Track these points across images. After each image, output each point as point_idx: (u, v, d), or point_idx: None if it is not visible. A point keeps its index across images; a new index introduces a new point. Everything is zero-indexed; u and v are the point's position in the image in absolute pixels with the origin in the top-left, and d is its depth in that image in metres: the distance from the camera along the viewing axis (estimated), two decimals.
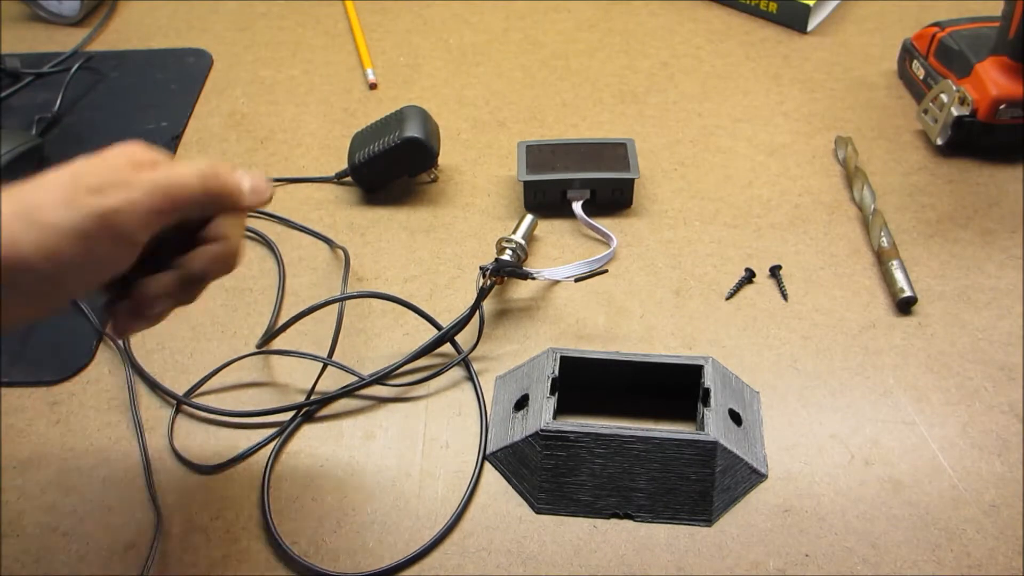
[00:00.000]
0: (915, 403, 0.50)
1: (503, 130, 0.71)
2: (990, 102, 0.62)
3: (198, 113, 0.75)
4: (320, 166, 0.69)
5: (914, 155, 0.66)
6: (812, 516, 0.46)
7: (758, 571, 0.44)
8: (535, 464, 0.47)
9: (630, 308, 0.57)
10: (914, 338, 0.54)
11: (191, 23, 0.86)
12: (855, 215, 0.62)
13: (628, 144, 0.64)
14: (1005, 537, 0.44)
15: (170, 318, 0.58)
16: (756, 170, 0.66)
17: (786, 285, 0.57)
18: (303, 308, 0.53)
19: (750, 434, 0.48)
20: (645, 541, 0.45)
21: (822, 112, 0.71)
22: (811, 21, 0.79)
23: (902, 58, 0.73)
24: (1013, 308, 0.55)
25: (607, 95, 0.74)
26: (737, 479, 0.46)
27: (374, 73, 0.77)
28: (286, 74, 0.79)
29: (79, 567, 0.46)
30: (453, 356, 0.54)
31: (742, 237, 0.61)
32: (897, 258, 0.57)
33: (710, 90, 0.74)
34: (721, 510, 0.46)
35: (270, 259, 0.62)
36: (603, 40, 0.80)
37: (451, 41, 0.81)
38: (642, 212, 0.63)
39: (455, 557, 0.45)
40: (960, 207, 0.62)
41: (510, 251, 0.57)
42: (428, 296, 0.58)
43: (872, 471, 0.47)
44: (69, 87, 0.76)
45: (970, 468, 0.47)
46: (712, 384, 0.48)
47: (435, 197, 0.66)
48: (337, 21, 0.85)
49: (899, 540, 0.45)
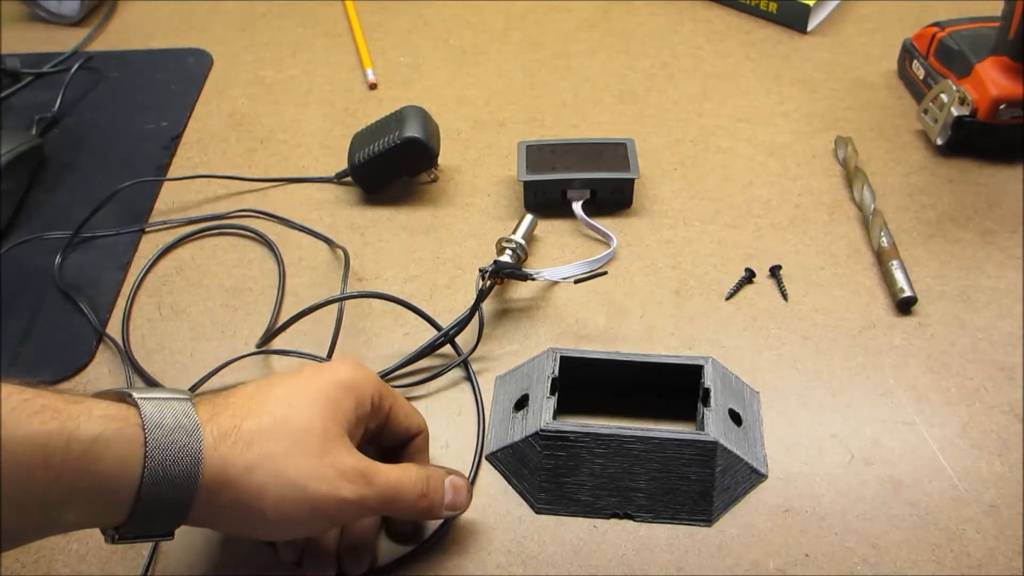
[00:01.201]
0: (915, 403, 0.50)
1: (503, 130, 0.71)
2: (990, 102, 0.62)
3: (198, 113, 0.75)
4: (320, 166, 0.69)
5: (914, 155, 0.66)
6: (812, 516, 0.46)
7: (758, 571, 0.44)
8: (535, 464, 0.47)
9: (630, 308, 0.57)
10: (914, 338, 0.54)
11: (191, 23, 0.86)
12: (855, 215, 0.62)
13: (628, 144, 0.64)
14: (1005, 537, 0.44)
15: (170, 318, 0.58)
16: (756, 170, 0.66)
17: (786, 285, 0.57)
18: (303, 308, 0.53)
19: (750, 434, 0.48)
20: (645, 541, 0.45)
21: (822, 112, 0.71)
22: (811, 21, 0.79)
23: (902, 58, 0.73)
24: (1013, 308, 0.55)
25: (607, 95, 0.74)
26: (737, 479, 0.46)
27: (374, 73, 0.77)
28: (286, 74, 0.79)
29: (79, 567, 0.46)
30: (453, 357, 0.54)
31: (742, 237, 0.61)
32: (897, 258, 0.57)
33: (710, 90, 0.74)
34: (721, 510, 0.46)
35: (270, 259, 0.62)
36: (603, 40, 0.80)
37: (451, 41, 0.81)
38: (642, 212, 0.63)
39: (455, 557, 0.45)
40: (960, 207, 0.62)
41: (510, 251, 0.57)
42: (428, 296, 0.58)
43: (872, 471, 0.47)
44: (69, 87, 0.76)
45: (970, 468, 0.47)
46: (712, 384, 0.48)
47: (435, 197, 0.66)
48: (337, 21, 0.85)
49: (899, 540, 0.45)
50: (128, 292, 0.60)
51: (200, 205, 0.66)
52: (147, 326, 0.58)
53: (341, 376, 0.41)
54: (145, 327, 0.58)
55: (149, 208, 0.66)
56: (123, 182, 0.66)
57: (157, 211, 0.66)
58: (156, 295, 0.60)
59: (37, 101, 0.76)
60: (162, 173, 0.69)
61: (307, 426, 0.38)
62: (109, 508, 0.34)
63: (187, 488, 0.35)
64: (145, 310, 0.59)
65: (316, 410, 0.39)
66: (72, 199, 0.67)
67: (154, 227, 0.65)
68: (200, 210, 0.66)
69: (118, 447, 0.34)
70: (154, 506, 0.35)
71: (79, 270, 0.62)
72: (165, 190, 0.68)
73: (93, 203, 0.64)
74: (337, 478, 0.38)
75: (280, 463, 0.37)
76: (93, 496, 0.34)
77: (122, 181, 0.66)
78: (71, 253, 0.63)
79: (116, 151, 0.72)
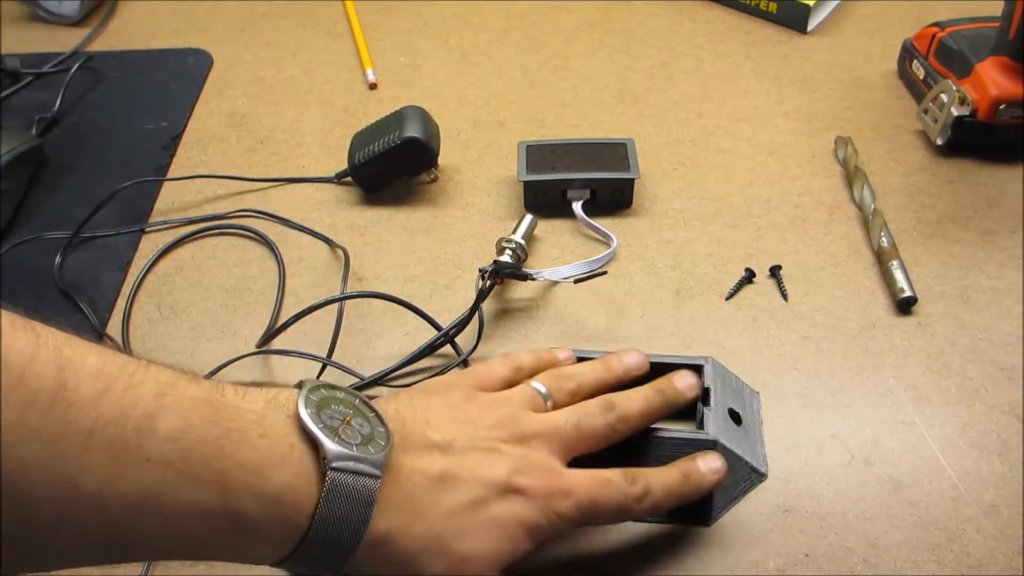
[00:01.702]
0: (915, 403, 0.50)
1: (503, 130, 0.71)
2: (990, 102, 0.62)
3: (198, 113, 0.75)
4: (320, 166, 0.69)
5: (914, 155, 0.66)
6: (812, 516, 0.46)
7: (758, 571, 0.44)
8: None
9: (630, 308, 0.57)
10: (914, 338, 0.54)
11: (191, 23, 0.86)
12: (855, 215, 0.62)
13: (628, 144, 0.64)
14: (1005, 537, 0.44)
15: (170, 318, 0.58)
16: (756, 170, 0.66)
17: (786, 285, 0.57)
18: (303, 308, 0.53)
19: (750, 433, 0.48)
20: (645, 541, 0.45)
21: (822, 112, 0.71)
22: (811, 21, 0.79)
23: (902, 58, 0.73)
24: (1013, 308, 0.55)
25: (607, 95, 0.74)
26: (737, 478, 0.46)
27: (374, 73, 0.77)
28: (286, 74, 0.79)
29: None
30: (453, 357, 0.54)
31: (742, 237, 0.61)
32: (897, 258, 0.57)
33: (710, 90, 0.74)
34: (721, 509, 0.46)
35: (270, 259, 0.62)
36: (603, 40, 0.80)
37: (451, 41, 0.81)
38: (642, 212, 0.63)
39: None
40: (960, 207, 0.62)
41: (510, 251, 0.57)
42: (428, 296, 0.58)
43: (872, 471, 0.47)
44: (69, 87, 0.76)
45: (970, 468, 0.47)
46: (712, 384, 0.48)
47: (435, 197, 0.66)
48: (337, 21, 0.85)
49: (899, 540, 0.45)
50: (128, 292, 0.60)
51: (200, 205, 0.66)
52: (147, 326, 0.58)
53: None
54: (145, 327, 0.58)
55: (149, 208, 0.66)
56: (123, 182, 0.66)
57: (157, 211, 0.66)
58: (156, 295, 0.60)
59: (37, 101, 0.76)
60: (162, 173, 0.69)
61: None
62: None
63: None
64: (145, 310, 0.59)
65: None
66: (72, 199, 0.67)
67: (154, 227, 0.65)
68: (200, 210, 0.66)
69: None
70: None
71: (79, 270, 0.62)
72: (165, 190, 0.68)
73: (93, 203, 0.64)
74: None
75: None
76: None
77: (122, 181, 0.66)
78: (71, 253, 0.63)
79: (116, 151, 0.72)
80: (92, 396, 0.30)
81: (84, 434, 0.29)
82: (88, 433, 0.29)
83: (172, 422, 0.31)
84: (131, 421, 0.30)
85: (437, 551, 0.35)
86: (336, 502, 0.33)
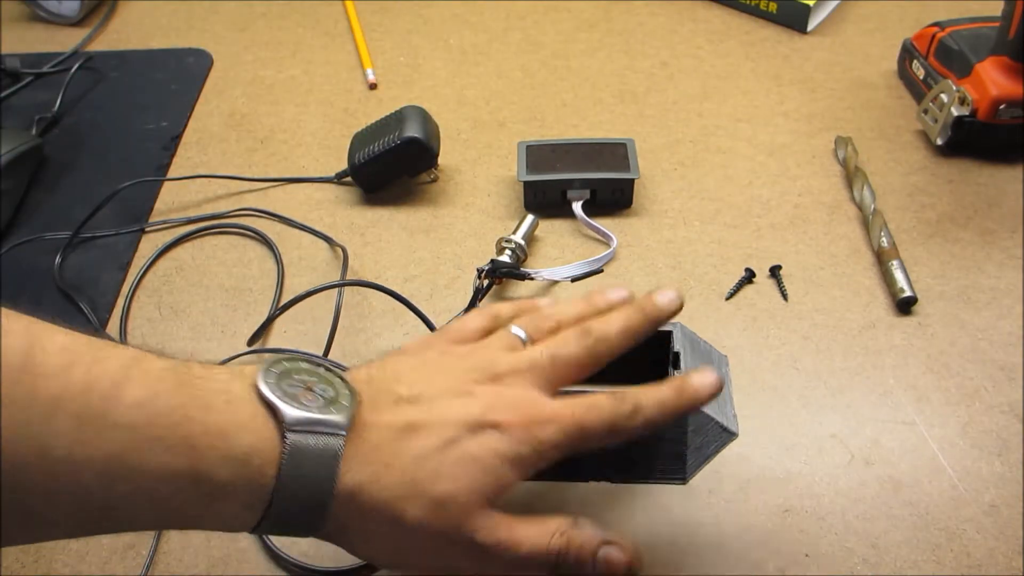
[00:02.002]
0: (915, 403, 0.50)
1: (503, 130, 0.71)
2: (990, 102, 0.62)
3: (198, 113, 0.75)
4: (320, 166, 0.69)
5: (914, 155, 0.66)
6: (812, 516, 0.46)
7: (758, 571, 0.44)
8: None
9: None
10: (914, 338, 0.54)
11: (191, 23, 0.86)
12: (855, 215, 0.62)
13: (628, 144, 0.64)
14: (1005, 537, 0.44)
15: (170, 318, 0.58)
16: (756, 170, 0.66)
17: (786, 285, 0.57)
18: (298, 301, 0.53)
19: (720, 394, 0.48)
20: (645, 540, 0.45)
21: (822, 112, 0.71)
22: (811, 21, 0.79)
23: (902, 58, 0.73)
24: (1013, 308, 0.55)
25: (607, 95, 0.74)
26: (708, 438, 0.46)
27: (374, 73, 0.77)
28: (286, 74, 0.79)
29: (79, 567, 0.46)
30: None
31: (742, 237, 0.61)
32: (897, 258, 0.57)
33: (710, 90, 0.74)
34: (695, 468, 0.46)
35: (270, 259, 0.62)
36: (603, 40, 0.80)
37: (451, 41, 0.81)
38: (642, 212, 0.63)
39: None
40: (960, 207, 0.62)
41: (509, 251, 0.57)
42: (428, 296, 0.58)
43: (872, 471, 0.47)
44: (69, 87, 0.76)
45: (970, 468, 0.47)
46: (681, 348, 0.48)
47: (435, 197, 0.66)
48: (337, 21, 0.85)
49: (899, 540, 0.45)
50: (128, 292, 0.60)
51: (200, 205, 0.66)
52: (147, 326, 0.58)
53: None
54: (145, 327, 0.58)
55: (149, 208, 0.66)
56: (123, 182, 0.66)
57: (157, 211, 0.66)
58: (156, 295, 0.60)
59: (37, 101, 0.76)
60: (162, 173, 0.69)
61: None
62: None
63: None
64: (145, 310, 0.59)
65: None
66: (72, 199, 0.67)
67: (154, 227, 0.65)
68: (200, 210, 0.66)
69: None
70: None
71: (79, 270, 0.62)
72: (165, 190, 0.68)
73: (93, 203, 0.64)
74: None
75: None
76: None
77: (122, 181, 0.66)
78: (71, 253, 0.63)
79: (116, 151, 0.72)
80: (60, 368, 0.30)
81: (51, 402, 0.30)
82: (55, 401, 0.30)
83: (138, 391, 0.31)
84: (97, 390, 0.31)
85: (412, 496, 0.35)
86: (300, 462, 0.33)
